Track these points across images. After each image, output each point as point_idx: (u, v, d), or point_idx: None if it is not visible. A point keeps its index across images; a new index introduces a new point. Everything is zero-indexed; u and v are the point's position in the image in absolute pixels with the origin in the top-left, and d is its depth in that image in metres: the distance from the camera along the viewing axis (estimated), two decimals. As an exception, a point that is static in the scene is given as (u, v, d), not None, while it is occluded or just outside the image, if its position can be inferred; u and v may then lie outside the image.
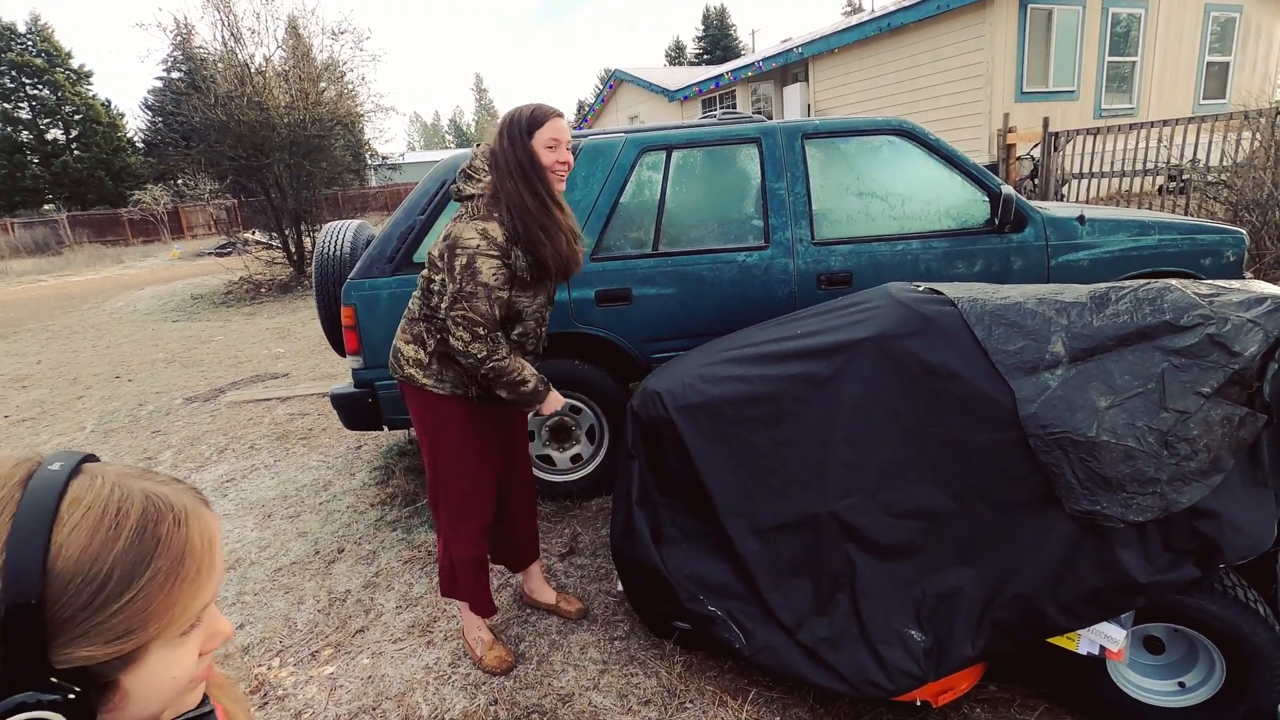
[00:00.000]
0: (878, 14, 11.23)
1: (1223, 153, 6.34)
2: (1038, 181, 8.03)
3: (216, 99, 9.98)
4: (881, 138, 3.19)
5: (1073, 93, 9.96)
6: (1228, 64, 11.03)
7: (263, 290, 10.79)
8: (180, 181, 15.32)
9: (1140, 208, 7.08)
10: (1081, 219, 3.20)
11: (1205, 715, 1.67)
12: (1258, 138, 6.14)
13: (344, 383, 3.08)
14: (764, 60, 13.85)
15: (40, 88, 33.63)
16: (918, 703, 1.74)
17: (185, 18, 14.57)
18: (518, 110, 1.89)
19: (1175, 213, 6.35)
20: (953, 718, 1.82)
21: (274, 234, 11.20)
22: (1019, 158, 8.31)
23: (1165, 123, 6.83)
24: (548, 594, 2.41)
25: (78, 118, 34.23)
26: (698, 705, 1.92)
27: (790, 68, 13.52)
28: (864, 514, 1.76)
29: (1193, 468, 1.53)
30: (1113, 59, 10.12)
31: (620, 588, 2.25)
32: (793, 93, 13.12)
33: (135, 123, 36.13)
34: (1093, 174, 7.51)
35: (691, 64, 46.13)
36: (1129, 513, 1.54)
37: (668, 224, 3.07)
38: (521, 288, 1.94)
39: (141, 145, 34.21)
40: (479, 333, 1.82)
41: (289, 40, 11.09)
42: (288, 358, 6.63)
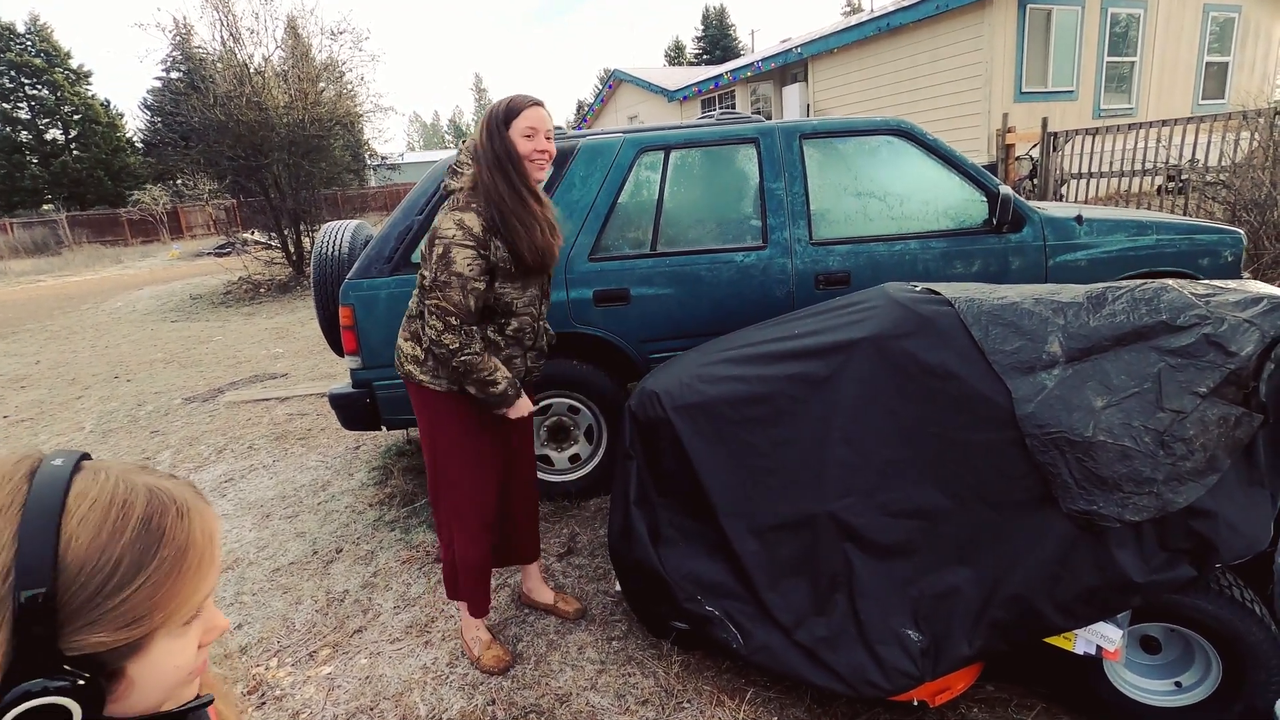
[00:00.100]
0: (877, 14, 11.23)
1: (1221, 153, 6.34)
2: (1036, 181, 8.03)
3: (215, 99, 9.98)
4: (879, 138, 3.19)
5: (1071, 93, 9.97)
6: (1226, 64, 11.04)
7: (262, 290, 10.79)
8: (179, 181, 15.33)
9: (1139, 208, 7.09)
10: (1079, 219, 3.20)
11: (1202, 714, 1.67)
12: (1256, 138, 6.14)
13: (342, 383, 3.08)
14: (763, 60, 13.86)
15: (39, 88, 33.64)
16: (915, 702, 1.74)
17: (184, 18, 14.60)
18: (497, 102, 1.92)
19: (1174, 213, 6.35)
20: (950, 717, 1.82)
21: (273, 234, 11.20)
22: (1018, 158, 8.32)
23: (1164, 123, 6.84)
24: (546, 594, 2.41)
25: (77, 118, 34.24)
26: (695, 705, 1.92)
27: (789, 68, 13.53)
28: (861, 514, 1.76)
29: (1189, 467, 1.53)
30: (1112, 59, 10.13)
31: (618, 588, 2.25)
32: (792, 93, 13.12)
33: (134, 123, 36.17)
34: (1091, 174, 7.51)
35: (691, 64, 46.14)
36: (1125, 512, 1.54)
37: (666, 224, 3.07)
38: (507, 280, 1.93)
39: (141, 145, 34.21)
40: (451, 323, 1.84)
41: (288, 40, 11.09)
42: (286, 358, 6.63)
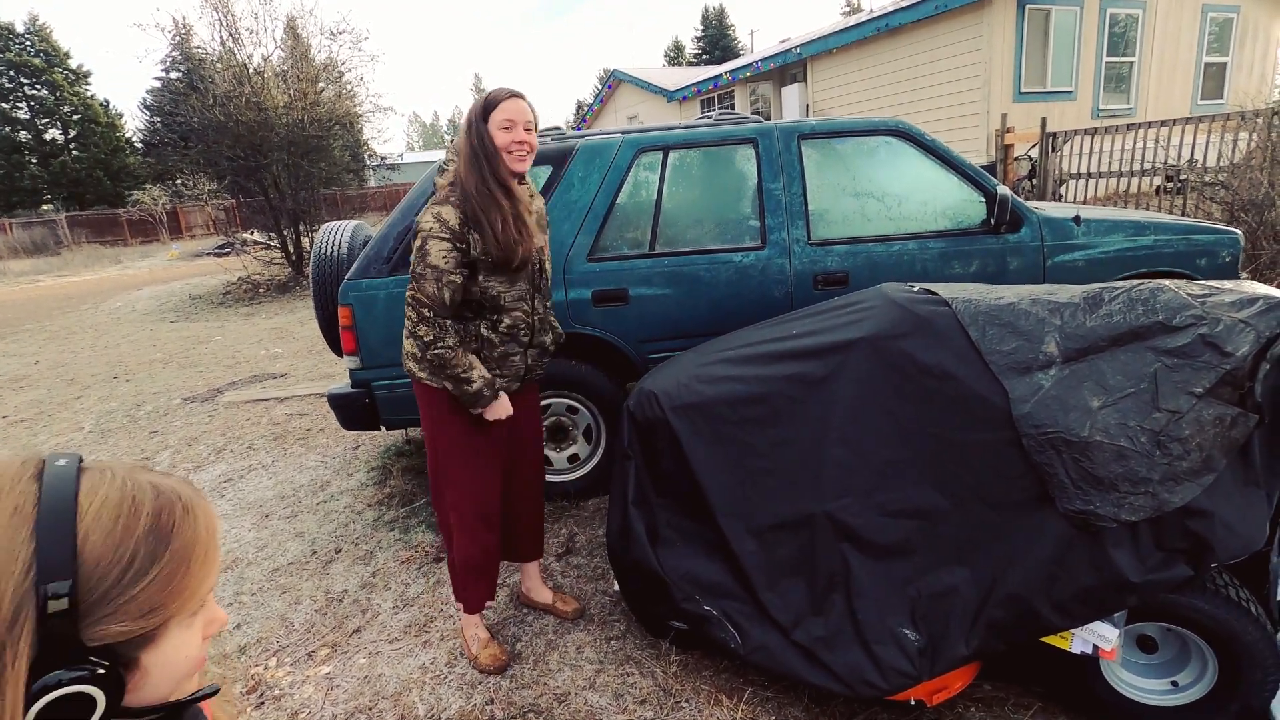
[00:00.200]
0: (876, 14, 11.24)
1: (1220, 153, 6.34)
2: (1035, 182, 8.03)
3: (215, 99, 9.98)
4: (878, 138, 3.19)
5: (1070, 93, 9.98)
6: (1225, 64, 11.05)
7: (261, 290, 10.79)
8: (179, 182, 15.34)
9: (1137, 208, 7.10)
10: (1077, 219, 3.21)
11: (1198, 714, 1.68)
12: (1254, 138, 6.15)
13: (341, 383, 3.08)
14: (762, 60, 13.86)
15: (39, 88, 33.63)
16: (912, 702, 1.75)
17: (183, 18, 14.63)
18: (478, 97, 1.95)
19: (1172, 213, 6.36)
20: (947, 717, 1.83)
21: (272, 234, 11.20)
22: (1017, 158, 8.32)
23: (1163, 123, 6.85)
24: (544, 594, 2.41)
25: (76, 118, 34.23)
26: (693, 705, 1.93)
27: (789, 68, 13.54)
28: (859, 514, 1.76)
29: (1185, 467, 1.53)
30: (1110, 59, 10.14)
31: (616, 587, 2.26)
32: (791, 93, 13.13)
33: (134, 123, 36.16)
34: (1090, 174, 7.51)
35: (690, 64, 46.13)
36: (1122, 512, 1.54)
37: (664, 224, 3.08)
38: (490, 274, 1.94)
39: (140, 145, 34.19)
40: (425, 314, 1.86)
41: (287, 40, 11.09)
42: (286, 358, 6.63)
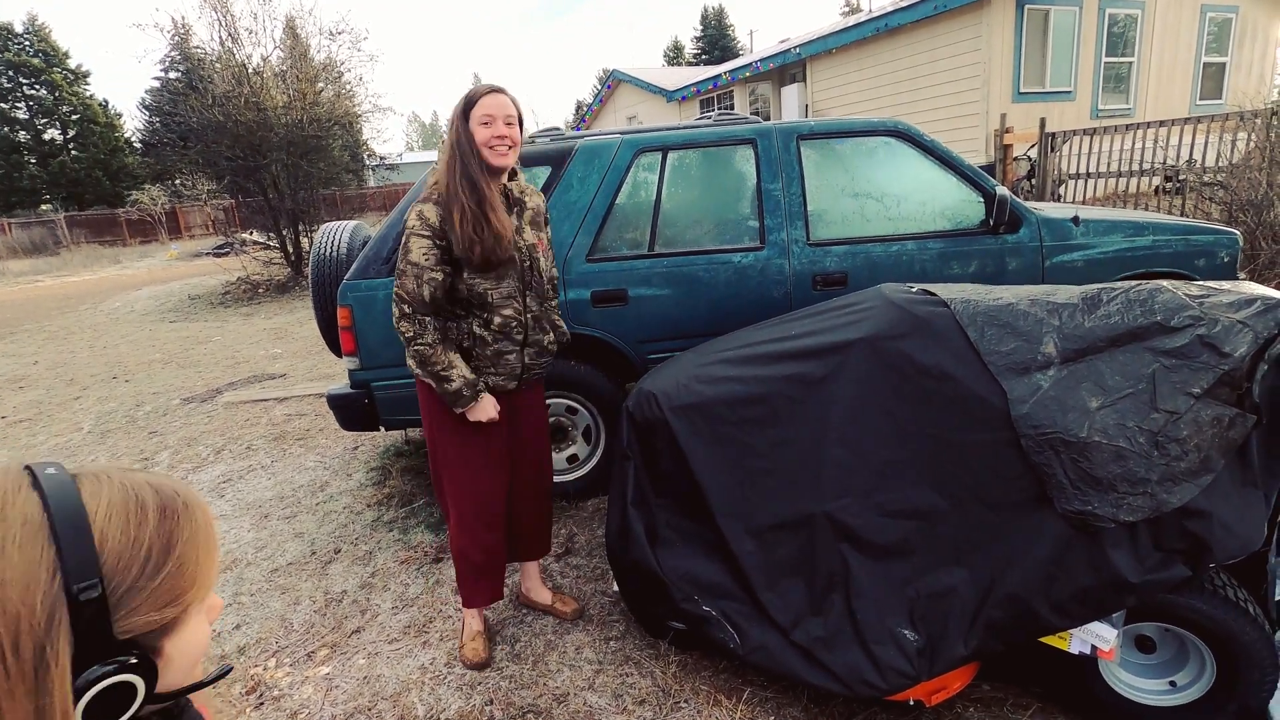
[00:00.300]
0: (875, 14, 11.24)
1: (1218, 153, 6.35)
2: (1034, 182, 8.04)
3: (214, 99, 9.98)
4: (877, 139, 3.20)
5: (1069, 93, 9.98)
6: (1224, 64, 11.06)
7: (260, 291, 10.78)
8: (178, 182, 15.33)
9: (1136, 208, 7.10)
10: (1076, 220, 3.21)
11: (1196, 714, 1.68)
12: (1253, 139, 6.15)
13: (340, 383, 3.08)
14: (762, 61, 13.86)
15: (37, 88, 33.61)
16: (911, 702, 1.75)
17: (183, 18, 14.62)
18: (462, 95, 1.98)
19: (1171, 213, 6.36)
20: (946, 717, 1.83)
21: (271, 234, 11.20)
22: (1016, 158, 8.33)
23: (1162, 123, 6.85)
24: (544, 594, 2.41)
25: (75, 118, 34.20)
26: (692, 705, 1.93)
27: (788, 68, 13.54)
28: (858, 514, 1.76)
29: (1183, 468, 1.54)
30: (1109, 59, 10.14)
31: (615, 588, 2.26)
32: (790, 93, 13.13)
33: (133, 123, 36.17)
34: (1089, 174, 7.52)
35: (690, 64, 46.12)
36: (1120, 512, 1.55)
37: (663, 225, 3.08)
38: (476, 271, 1.94)
39: (139, 145, 34.19)
40: (405, 310, 1.90)
41: (286, 40, 11.09)
42: (285, 358, 6.63)
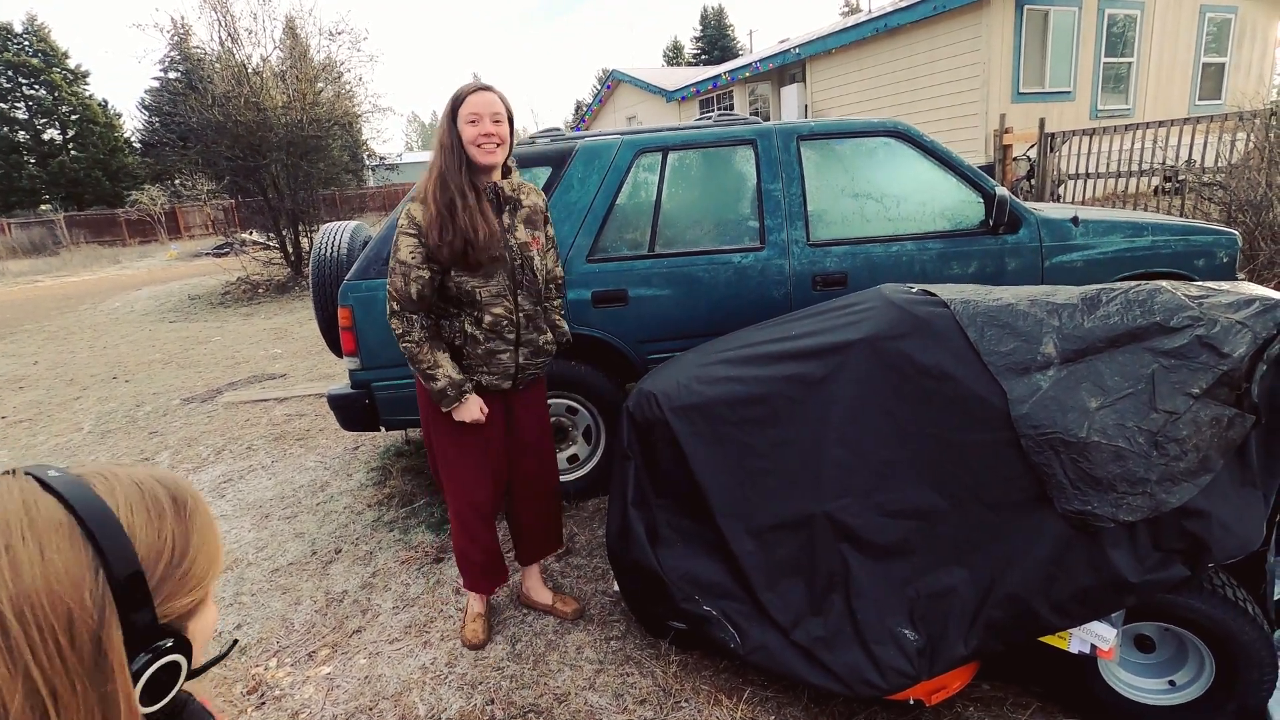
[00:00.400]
0: (875, 15, 11.25)
1: (1218, 154, 6.36)
2: (1034, 182, 8.04)
3: (214, 99, 9.97)
4: (876, 139, 3.20)
5: (1069, 93, 9.99)
6: (1223, 65, 11.07)
7: (260, 291, 10.78)
8: (177, 182, 15.32)
9: (1135, 209, 7.11)
10: (1076, 220, 3.21)
11: (1195, 713, 1.69)
12: (1252, 139, 6.16)
13: (341, 384, 3.08)
14: (761, 61, 13.87)
15: (37, 88, 33.58)
16: (911, 701, 1.75)
17: (182, 18, 14.59)
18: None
19: (1170, 214, 6.37)
20: (946, 716, 1.83)
21: (271, 234, 11.19)
22: (1015, 158, 8.33)
23: (1161, 123, 6.86)
24: (544, 594, 2.42)
25: (74, 118, 34.18)
26: (693, 704, 1.93)
27: (788, 68, 13.54)
28: (858, 514, 1.77)
29: (1182, 468, 1.54)
30: (1109, 60, 10.15)
31: (616, 588, 2.26)
32: (790, 93, 13.14)
33: (132, 123, 36.16)
34: (1088, 175, 7.53)
35: (689, 64, 46.10)
36: (1119, 512, 1.55)
37: (664, 225, 3.08)
38: (464, 270, 1.95)
39: (139, 145, 34.18)
40: (394, 308, 1.95)
41: (286, 40, 11.09)
42: (285, 358, 6.63)
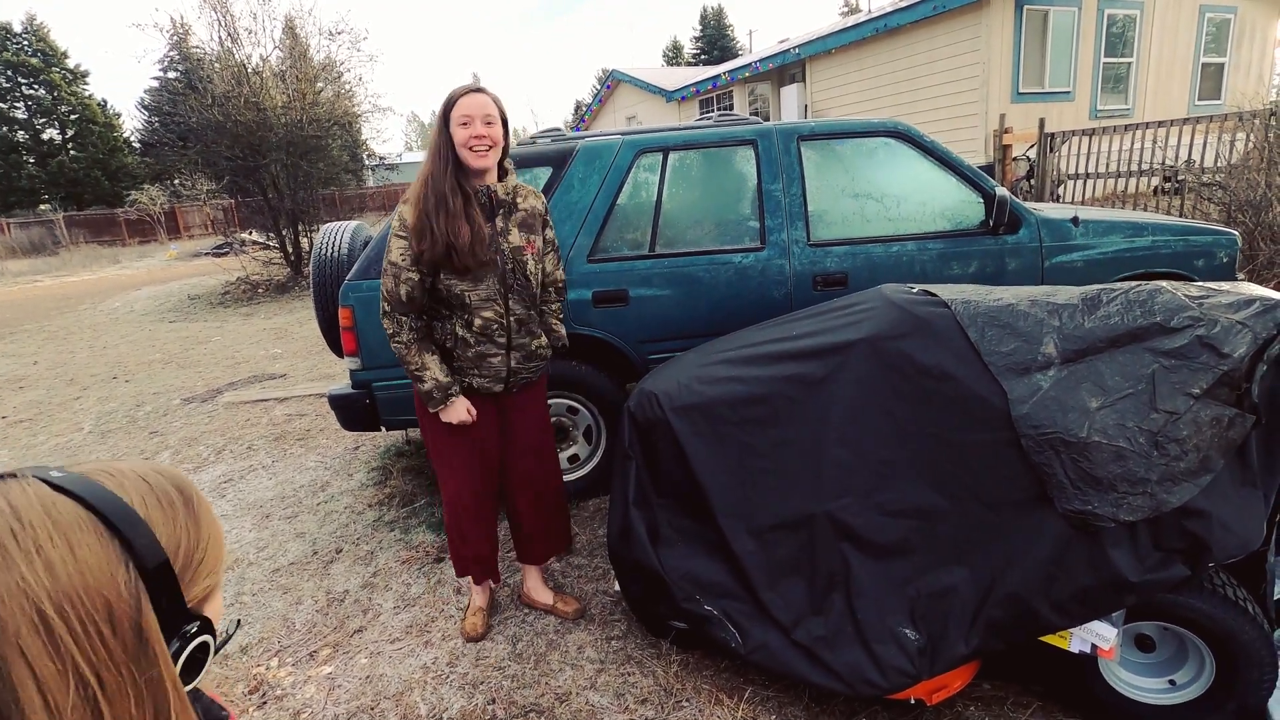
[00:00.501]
0: (875, 15, 11.25)
1: (1217, 154, 6.36)
2: (1033, 182, 8.05)
3: (213, 99, 9.97)
4: (877, 139, 3.20)
5: (1068, 94, 9.99)
6: (1223, 65, 11.08)
7: (260, 291, 10.78)
8: (177, 182, 15.33)
9: (1135, 209, 7.11)
10: (1076, 220, 3.22)
11: (1195, 712, 1.69)
12: (1252, 139, 6.16)
13: (342, 383, 3.09)
14: (761, 61, 13.87)
15: (36, 87, 33.55)
16: (912, 701, 1.76)
17: (182, 18, 14.56)
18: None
19: (1169, 214, 6.37)
20: (947, 715, 1.83)
21: (271, 234, 11.19)
22: (1015, 159, 8.33)
23: (1160, 124, 6.87)
24: (545, 594, 2.42)
25: (74, 117, 34.15)
26: (694, 704, 1.94)
27: (787, 68, 13.55)
28: (858, 514, 1.77)
29: (1182, 468, 1.54)
30: (1108, 60, 10.16)
31: (617, 587, 2.26)
32: (790, 93, 13.14)
33: (132, 123, 36.16)
34: (1088, 175, 7.53)
35: (689, 64, 46.09)
36: (1120, 512, 1.55)
37: (664, 225, 3.09)
38: (452, 273, 1.96)
39: (138, 145, 34.17)
40: (385, 309, 2.00)
41: (286, 40, 11.09)
42: (285, 358, 6.63)
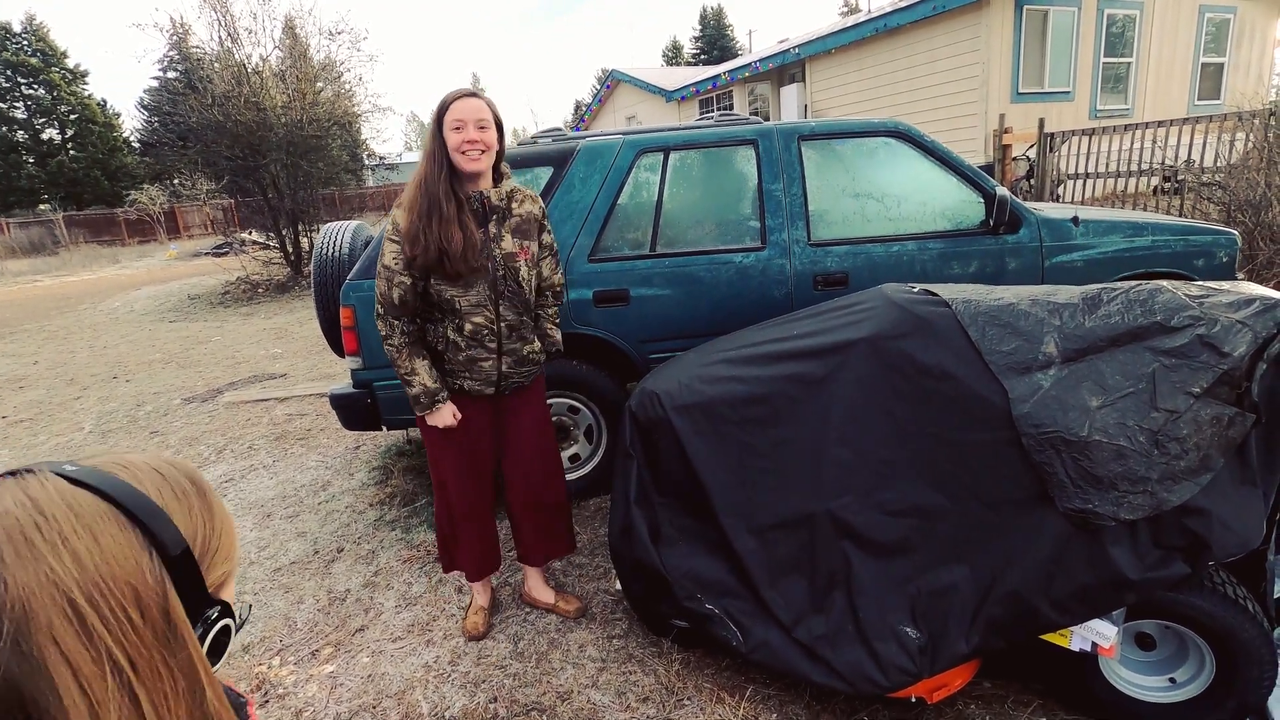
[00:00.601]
0: (874, 15, 11.26)
1: (1217, 154, 6.37)
2: (1033, 182, 8.05)
3: (213, 99, 9.97)
4: (877, 139, 3.21)
5: (1068, 93, 10.00)
6: (1222, 65, 11.08)
7: (260, 290, 10.78)
8: (177, 181, 15.33)
9: (1135, 208, 7.12)
10: (1076, 220, 3.22)
11: (1195, 710, 1.70)
12: (1251, 139, 6.17)
13: (343, 383, 3.09)
14: (761, 61, 13.87)
15: (36, 87, 33.54)
16: (913, 699, 1.76)
17: (181, 18, 14.55)
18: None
19: (1169, 214, 6.38)
20: (947, 714, 1.84)
21: (271, 234, 11.19)
22: (1015, 158, 8.34)
23: (1160, 123, 6.87)
24: (546, 593, 2.43)
25: (73, 117, 34.14)
26: (695, 702, 1.94)
27: (787, 68, 13.55)
28: (859, 512, 1.78)
29: (1183, 466, 1.55)
30: (1108, 60, 10.16)
31: (618, 586, 2.27)
32: (790, 93, 13.14)
33: (131, 122, 36.18)
34: (1088, 175, 7.54)
35: (689, 64, 46.09)
36: (1120, 511, 1.56)
37: (665, 225, 3.09)
38: (442, 278, 1.96)
39: (138, 145, 34.16)
40: (379, 311, 2.01)
41: (286, 40, 11.09)
42: (285, 358, 6.63)
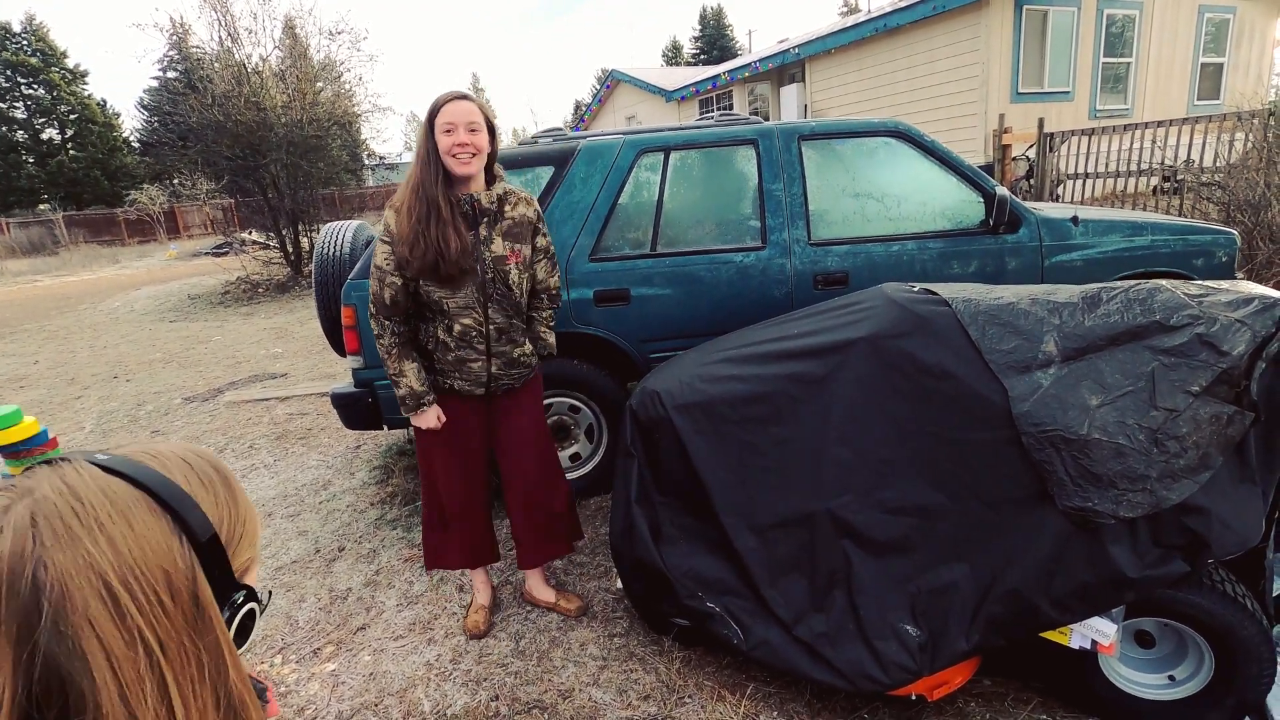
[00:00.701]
0: (874, 15, 11.26)
1: (1216, 153, 6.37)
2: (1033, 182, 8.06)
3: (213, 99, 9.97)
4: (877, 139, 3.21)
5: (1068, 93, 10.01)
6: (1222, 65, 11.09)
7: (260, 290, 10.78)
8: (177, 181, 15.33)
9: (1134, 208, 7.13)
10: (1075, 220, 3.23)
11: (1195, 708, 1.70)
12: (1251, 139, 6.18)
13: (343, 382, 3.09)
14: (761, 61, 13.88)
15: (35, 87, 33.54)
16: (913, 697, 1.76)
17: (181, 18, 14.56)
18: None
19: (1169, 213, 6.39)
20: (948, 712, 1.85)
21: (271, 234, 11.19)
22: (1014, 158, 8.34)
23: (1159, 123, 6.88)
24: (547, 592, 2.43)
25: (73, 117, 34.14)
26: (696, 700, 1.95)
27: (787, 68, 13.56)
28: (859, 511, 1.78)
29: (1182, 465, 1.55)
30: (1107, 60, 10.17)
31: (619, 585, 2.28)
32: (790, 93, 13.15)
33: (131, 122, 36.19)
34: (1087, 174, 7.54)
35: (688, 64, 46.10)
36: (1120, 509, 1.57)
37: (666, 225, 3.09)
38: (432, 280, 1.95)
39: (138, 145, 34.16)
40: (371, 311, 2.02)
41: (286, 40, 11.09)
42: (286, 357, 6.64)
